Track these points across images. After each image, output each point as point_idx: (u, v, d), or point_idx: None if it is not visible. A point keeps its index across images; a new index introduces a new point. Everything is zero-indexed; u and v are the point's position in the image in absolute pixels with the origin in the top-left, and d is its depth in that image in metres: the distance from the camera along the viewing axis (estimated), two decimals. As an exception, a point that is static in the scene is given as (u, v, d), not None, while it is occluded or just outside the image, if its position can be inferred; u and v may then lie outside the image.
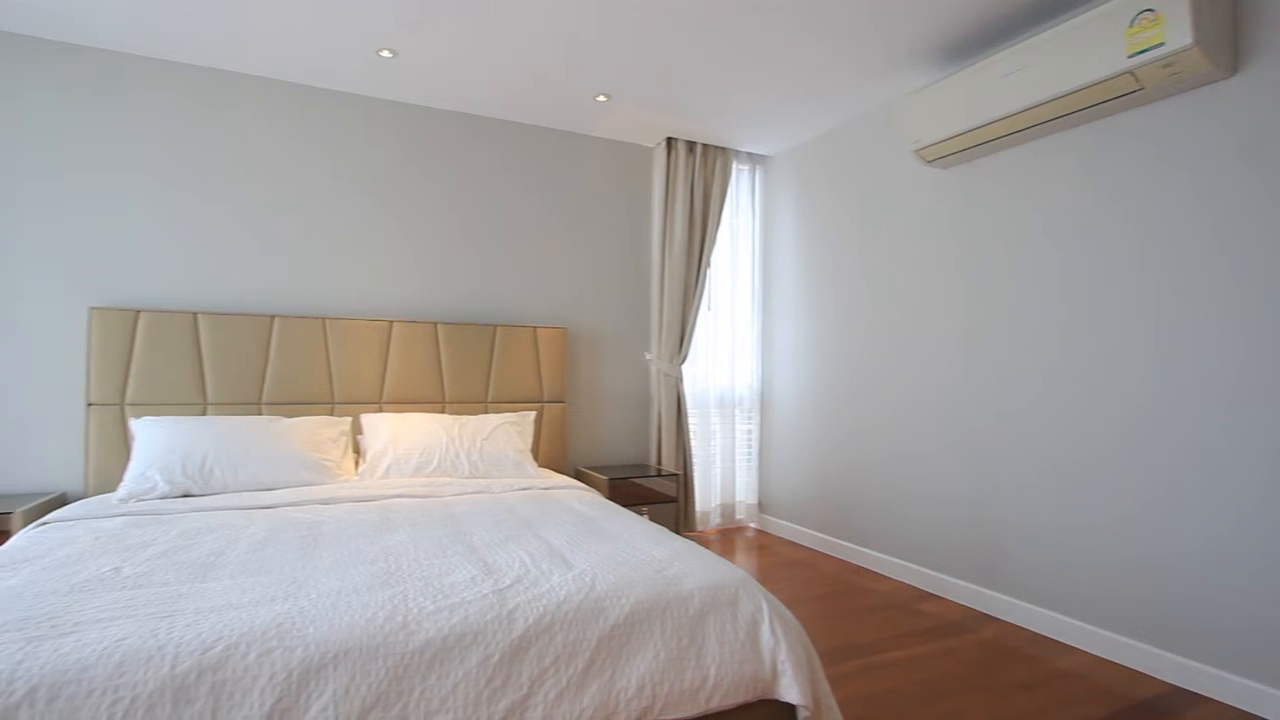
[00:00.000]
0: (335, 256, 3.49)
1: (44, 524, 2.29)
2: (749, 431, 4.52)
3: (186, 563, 1.82)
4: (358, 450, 3.30)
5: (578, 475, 3.96)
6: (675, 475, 3.87)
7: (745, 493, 4.51)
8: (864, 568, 3.61)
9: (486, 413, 3.60)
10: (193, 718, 1.25)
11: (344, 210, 3.51)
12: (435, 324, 3.58)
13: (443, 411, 3.54)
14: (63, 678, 1.21)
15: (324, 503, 2.62)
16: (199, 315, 3.13)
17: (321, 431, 3.07)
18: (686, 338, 4.14)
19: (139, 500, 2.58)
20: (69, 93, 3.03)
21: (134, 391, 3.02)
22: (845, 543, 3.77)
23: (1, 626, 1.35)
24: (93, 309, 2.98)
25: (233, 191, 3.30)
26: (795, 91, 3.43)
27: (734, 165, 4.34)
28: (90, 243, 3.06)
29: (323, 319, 3.35)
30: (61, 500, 2.97)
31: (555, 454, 3.82)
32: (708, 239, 4.18)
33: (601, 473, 3.76)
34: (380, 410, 3.42)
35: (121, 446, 2.98)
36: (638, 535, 2.19)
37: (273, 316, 3.26)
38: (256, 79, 3.34)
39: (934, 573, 3.23)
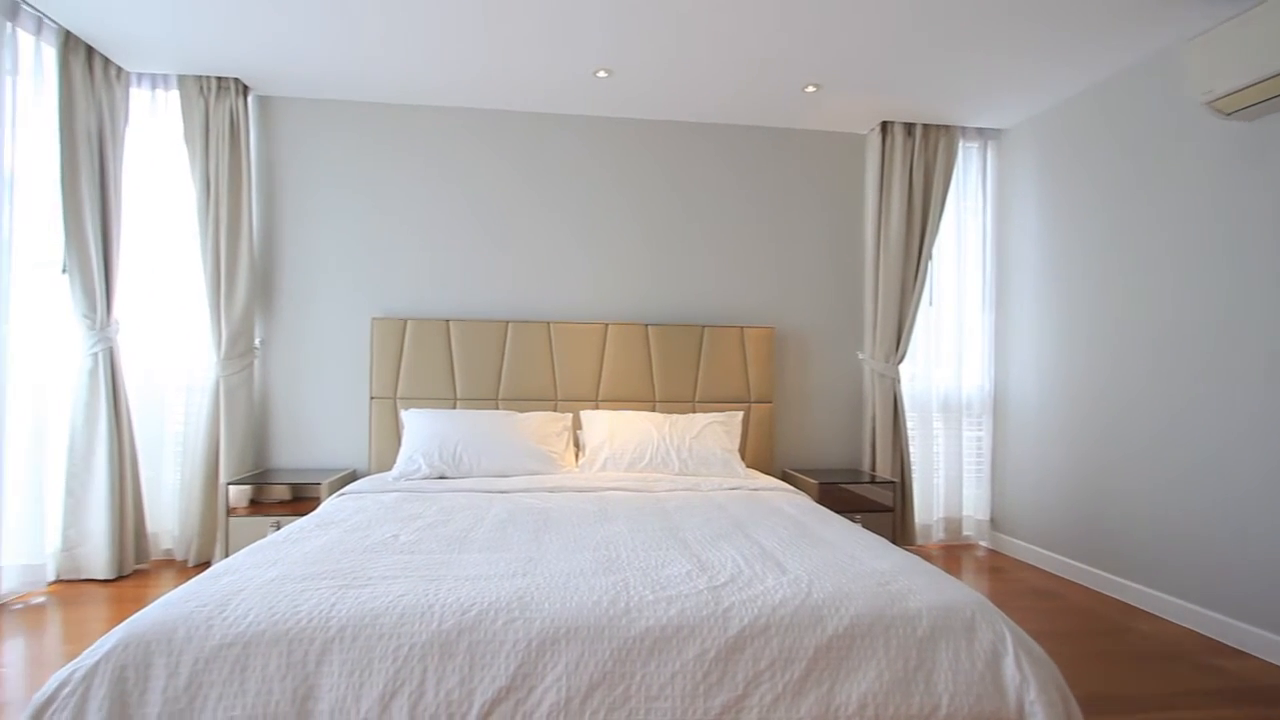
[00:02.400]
0: (558, 265, 3.81)
1: (343, 494, 2.80)
2: (978, 439, 4.06)
3: (445, 535, 2.10)
4: (577, 444, 3.56)
5: (785, 477, 3.87)
6: (891, 483, 3.61)
7: (974, 507, 4.06)
8: (1130, 604, 3.05)
9: (694, 412, 3.67)
10: (454, 669, 1.43)
11: (565, 223, 3.82)
12: (646, 326, 3.74)
13: (653, 410, 3.68)
14: (361, 622, 1.47)
15: (550, 491, 2.87)
16: (450, 322, 3.61)
17: (548, 426, 3.36)
18: (904, 335, 3.84)
19: (407, 479, 3.05)
20: (355, 141, 3.69)
21: (403, 387, 3.57)
22: (1103, 573, 3.21)
23: (319, 575, 1.67)
24: (374, 318, 3.59)
25: (474, 214, 3.76)
26: (1038, 51, 3.00)
27: (960, 144, 3.93)
28: (371, 263, 3.70)
29: (547, 323, 3.67)
30: (353, 476, 3.62)
31: (762, 455, 3.78)
32: (929, 228, 3.84)
33: (810, 476, 3.63)
34: (597, 407, 3.66)
35: (394, 433, 3.55)
36: (855, 544, 2.08)
37: (506, 322, 3.65)
38: (490, 112, 3.77)
39: (1237, 622, 2.61)
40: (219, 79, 3.39)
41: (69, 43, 2.99)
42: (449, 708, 1.41)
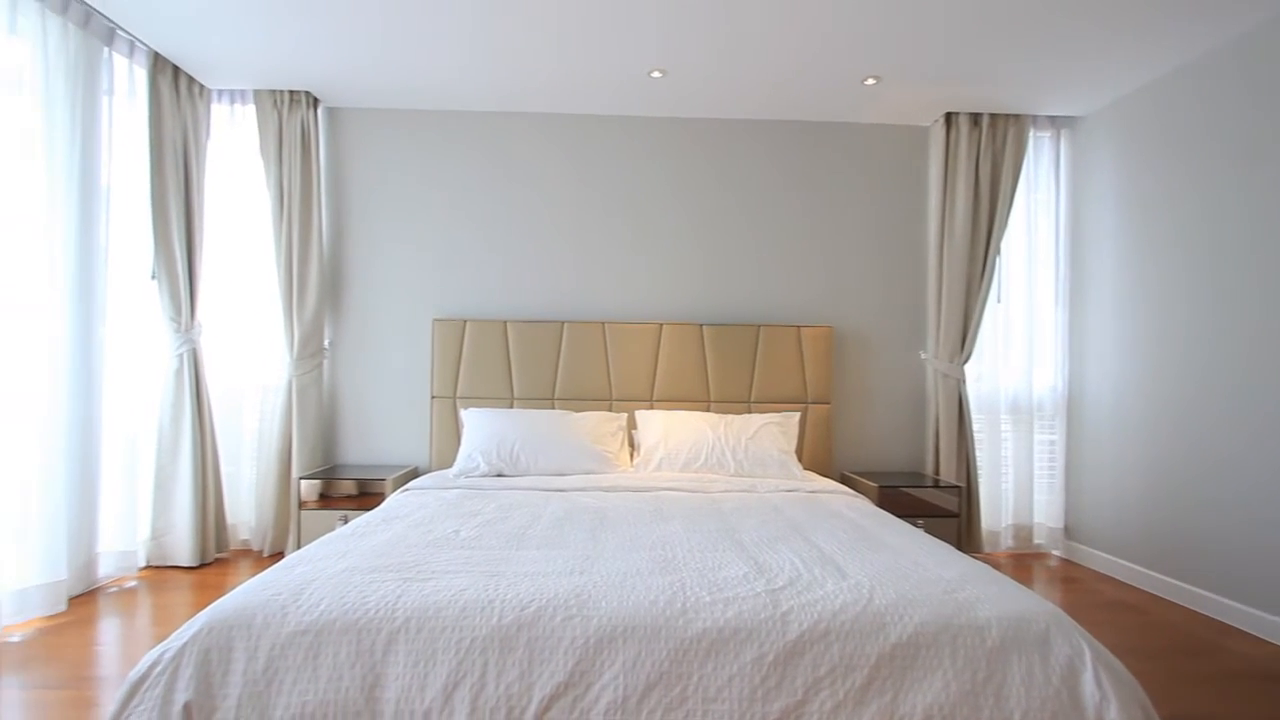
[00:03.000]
0: (614, 266, 3.83)
1: (406, 490, 2.89)
2: (1051, 443, 3.87)
3: (504, 532, 2.14)
4: (632, 444, 3.57)
5: (843, 480, 3.78)
6: (957, 488, 3.48)
7: (1046, 514, 3.87)
8: (1225, 623, 2.84)
9: (750, 413, 3.63)
10: (514, 664, 1.46)
11: (619, 223, 3.84)
12: (701, 326, 3.72)
13: (708, 410, 3.66)
14: (425, 614, 1.51)
15: (606, 490, 2.89)
16: (508, 323, 3.68)
17: (603, 426, 3.39)
18: (970, 334, 3.69)
19: (467, 477, 3.13)
20: (417, 148, 3.81)
21: (462, 387, 3.66)
22: (1191, 587, 3.01)
23: (386, 568, 1.73)
24: (434, 319, 3.69)
25: (531, 216, 3.83)
26: (1120, 30, 2.84)
27: (1030, 133, 3.75)
28: (432, 266, 3.81)
29: (602, 323, 3.70)
30: (415, 472, 3.74)
31: (820, 457, 3.71)
32: (997, 222, 3.68)
33: (870, 479, 3.54)
34: (652, 407, 3.67)
35: (454, 431, 3.64)
36: (919, 550, 2.01)
37: (562, 322, 3.70)
38: (546, 115, 3.82)
39: (1346, 644, 2.41)
40: (291, 93, 3.56)
41: (158, 63, 3.20)
42: (508, 701, 1.43)
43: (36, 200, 2.67)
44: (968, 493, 3.66)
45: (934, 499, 3.43)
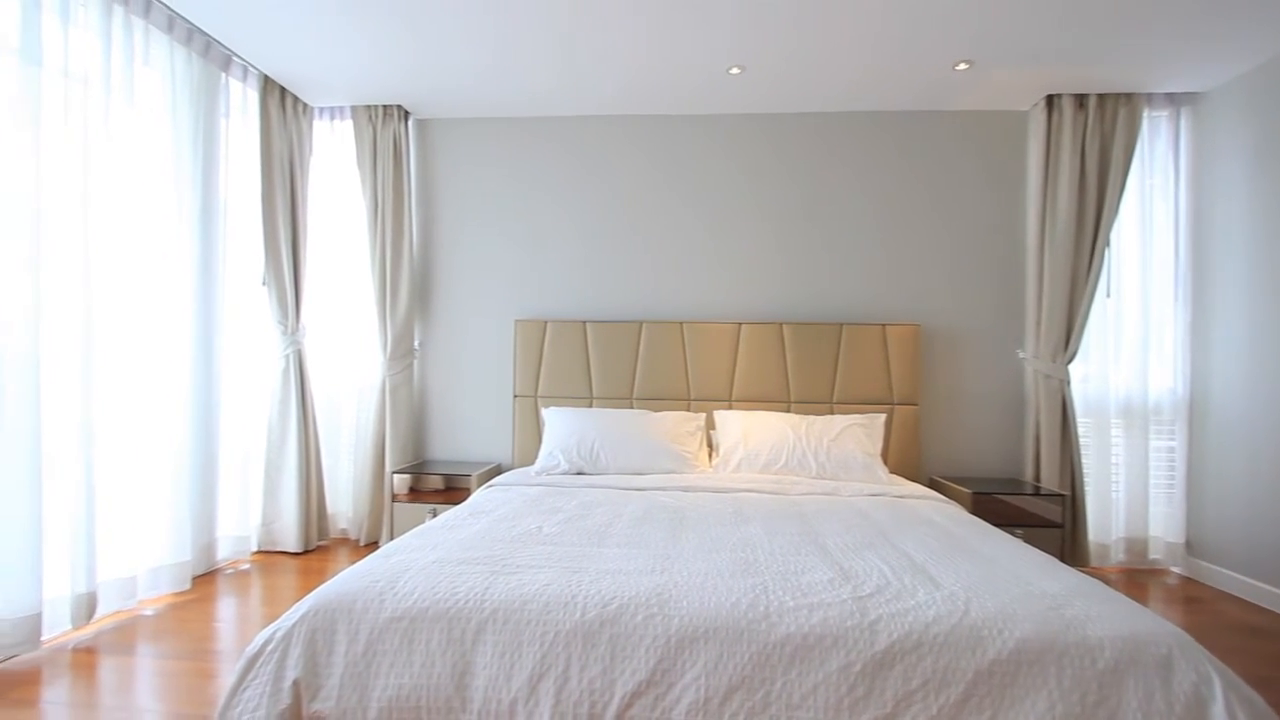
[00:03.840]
0: (692, 266, 3.82)
1: (491, 486, 2.99)
2: (1170, 449, 3.55)
3: (585, 529, 2.17)
4: (710, 444, 3.54)
5: (932, 485, 3.61)
6: (1060, 496, 3.25)
7: (1164, 527, 3.55)
8: (1384, 655, 2.52)
9: (832, 414, 3.53)
10: (597, 659, 1.48)
11: (697, 222, 3.82)
12: (780, 325, 3.65)
13: (788, 411, 3.58)
14: (511, 607, 1.55)
15: (684, 490, 2.88)
16: (587, 324, 3.74)
17: (681, 425, 3.38)
18: (1075, 332, 3.44)
19: (548, 474, 3.20)
20: (499, 155, 3.93)
21: (543, 386, 3.75)
22: (1345, 614, 2.68)
23: (474, 560, 1.79)
24: (517, 320, 3.80)
25: (610, 218, 3.87)
26: None
27: (1144, 114, 3.46)
28: (515, 268, 3.92)
29: (680, 323, 3.69)
30: (498, 469, 3.86)
31: (907, 460, 3.55)
32: (1105, 210, 3.41)
33: (962, 485, 3.36)
34: (730, 407, 3.63)
35: (535, 430, 3.73)
36: (1019, 561, 1.89)
37: (640, 322, 3.72)
38: (624, 117, 3.85)
39: None
40: (385, 107, 3.75)
41: (267, 86, 3.45)
42: (591, 695, 1.45)
43: (166, 215, 2.94)
44: (1073, 502, 3.42)
45: (1034, 508, 3.22)
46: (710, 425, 3.59)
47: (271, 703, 1.49)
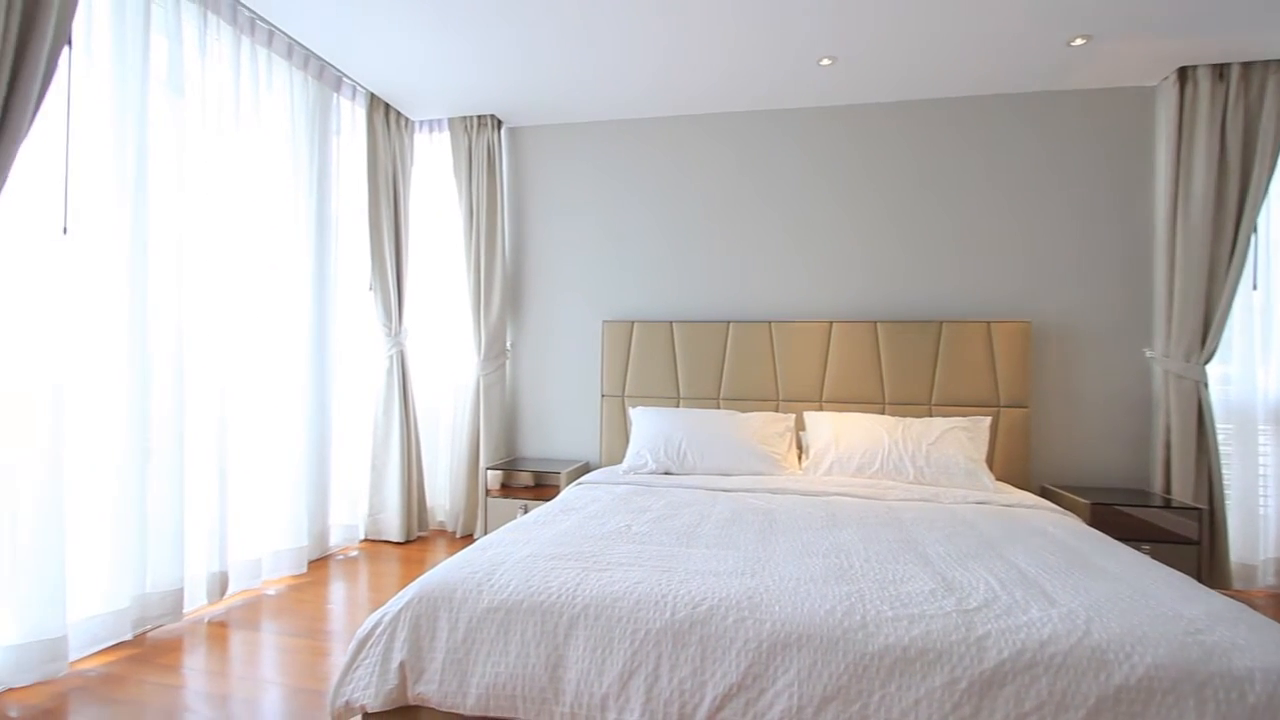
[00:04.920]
0: (780, 264, 3.74)
1: (580, 484, 3.04)
2: (1331, 461, 3.14)
3: (673, 529, 2.17)
4: (800, 446, 3.46)
5: (1043, 493, 3.36)
6: (1195, 510, 2.94)
7: (1324, 548, 3.14)
8: None
9: (930, 416, 3.35)
10: (687, 660, 1.47)
11: (785, 219, 3.74)
12: (874, 323, 3.51)
13: (882, 412, 3.44)
14: (602, 603, 1.57)
15: (773, 492, 2.82)
16: (673, 324, 3.74)
17: (769, 426, 3.32)
18: (1214, 328, 3.10)
19: (635, 473, 3.22)
20: (587, 159, 4.00)
21: (630, 386, 3.78)
22: None
23: (565, 556, 1.83)
24: (604, 321, 3.85)
25: (696, 218, 3.85)
26: None
27: (1298, 83, 3.07)
28: (603, 270, 3.97)
29: (769, 323, 3.63)
30: (586, 467, 3.92)
31: (1015, 466, 3.32)
32: (1251, 193, 3.06)
33: (1078, 494, 3.11)
34: (820, 408, 3.52)
35: (622, 429, 3.77)
36: (1147, 580, 1.73)
37: (727, 323, 3.68)
38: (709, 116, 3.83)
39: None
40: (479, 117, 3.91)
41: (373, 103, 3.67)
42: (681, 696, 1.45)
43: (287, 227, 3.19)
44: (1211, 517, 3.08)
45: (1164, 522, 2.93)
46: (800, 426, 3.50)
47: (380, 682, 1.58)
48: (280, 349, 3.16)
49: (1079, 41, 2.93)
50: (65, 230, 2.19)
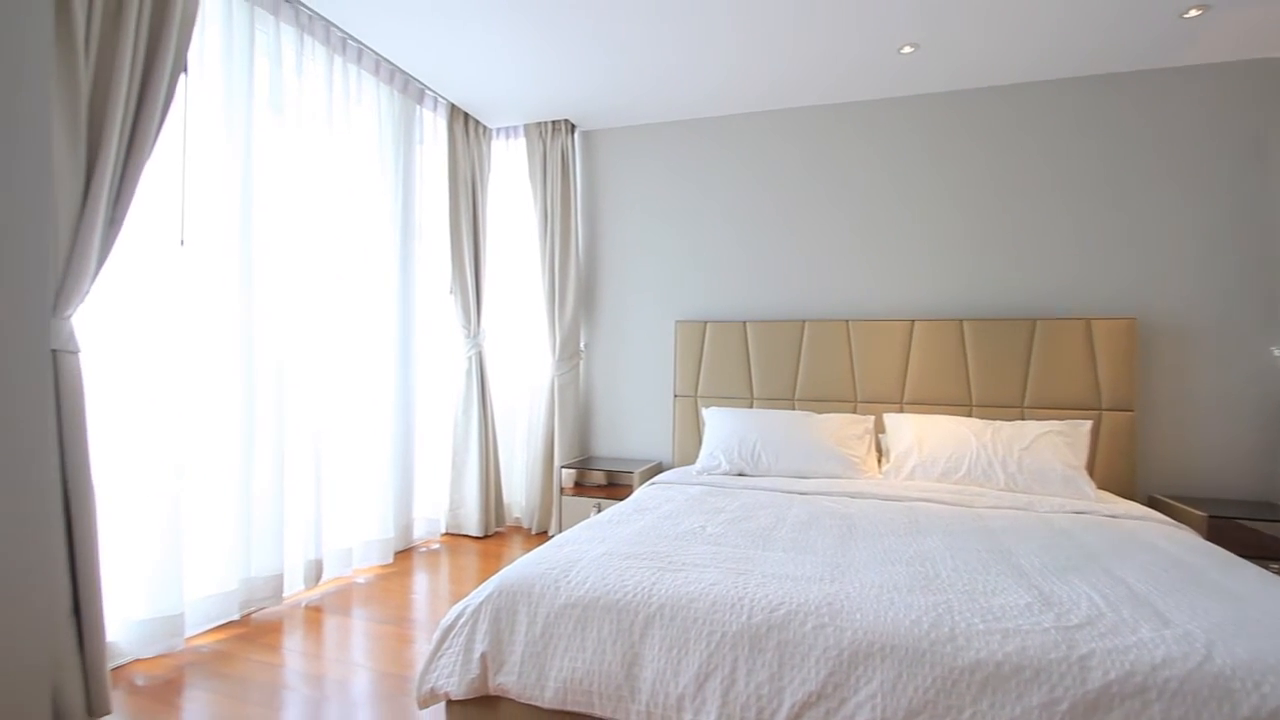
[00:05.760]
0: (856, 261, 3.63)
1: (653, 484, 3.05)
2: None
3: (748, 531, 2.14)
4: (879, 449, 3.34)
5: (1152, 504, 3.11)
6: (1335, 526, 2.65)
7: None
8: None
9: (1023, 419, 3.17)
10: (764, 665, 1.45)
11: (861, 214, 3.62)
12: (960, 321, 3.34)
13: (969, 415, 3.27)
14: (678, 604, 1.57)
15: (852, 496, 2.74)
16: (747, 324, 3.69)
17: (847, 428, 3.22)
18: (1356, 324, 2.78)
19: (709, 474, 3.19)
20: (658, 159, 4.00)
21: (703, 386, 3.76)
22: None
23: (640, 555, 1.84)
24: (677, 321, 3.85)
25: (769, 215, 3.79)
26: None
27: None
28: (675, 270, 3.97)
29: (846, 321, 3.52)
30: (658, 467, 3.93)
31: (1119, 474, 3.09)
32: (1402, 172, 2.73)
33: (1192, 506, 2.85)
34: (901, 410, 3.39)
35: (695, 429, 3.75)
36: (1278, 603, 1.56)
37: (803, 321, 3.60)
38: (782, 111, 3.75)
39: None
40: (553, 122, 3.98)
41: (453, 113, 3.81)
42: (759, 701, 1.42)
43: (374, 235, 3.36)
44: (1353, 534, 2.76)
45: (1296, 538, 2.65)
46: (879, 429, 3.38)
47: (463, 671, 1.64)
48: (370, 351, 3.33)
49: (1194, 13, 2.69)
50: (182, 242, 2.39)
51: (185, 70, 2.19)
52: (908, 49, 3.04)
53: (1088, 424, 2.99)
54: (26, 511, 1.54)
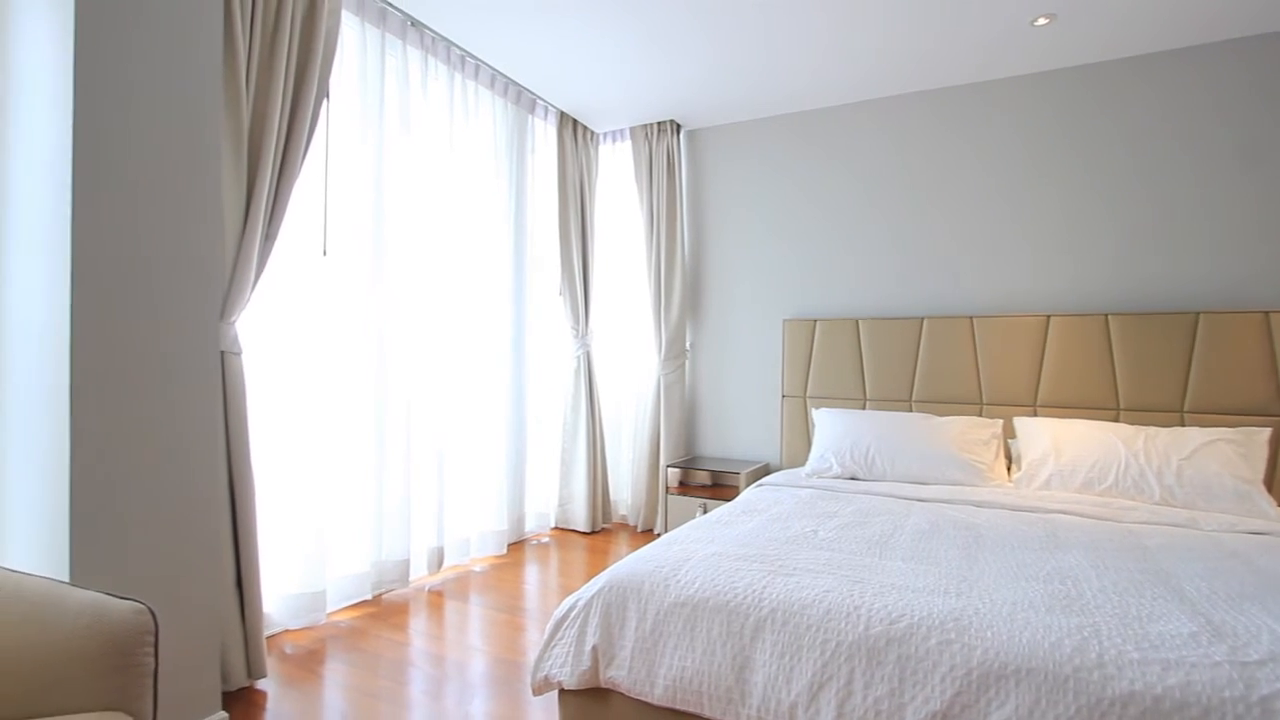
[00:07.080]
0: (981, 253, 3.38)
1: (761, 485, 2.99)
2: None
3: (863, 538, 2.05)
4: (1008, 455, 3.09)
5: (1351, 528, 2.67)
6: None
7: None
8: None
9: (1183, 424, 2.82)
10: (883, 678, 1.38)
11: (989, 203, 3.37)
12: (1105, 316, 3.03)
13: (1116, 419, 2.96)
14: (790, 609, 1.53)
15: (977, 505, 2.55)
16: (859, 321, 3.54)
17: (971, 432, 3.01)
18: None
19: (819, 477, 3.09)
20: (763, 155, 3.92)
21: (812, 386, 3.65)
22: None
23: (750, 557, 1.81)
24: (785, 320, 3.76)
25: (880, 208, 3.61)
26: None
27: None
28: (782, 267, 3.88)
29: (970, 318, 3.29)
30: (766, 469, 3.85)
31: (1305, 491, 2.68)
32: None
33: None
34: (1034, 414, 3.12)
35: (803, 431, 3.65)
36: None
37: (922, 318, 3.40)
38: (891, 99, 3.56)
39: None
40: (659, 124, 4.01)
41: (562, 120, 3.93)
42: (878, 716, 1.36)
43: (491, 241, 3.53)
44: None
45: None
46: (1009, 433, 3.13)
47: (575, 662, 1.68)
48: (487, 352, 3.50)
49: None
50: (325, 252, 2.62)
51: (328, 96, 2.40)
52: (1042, 20, 2.79)
53: (1266, 431, 2.62)
54: (201, 495, 1.75)
